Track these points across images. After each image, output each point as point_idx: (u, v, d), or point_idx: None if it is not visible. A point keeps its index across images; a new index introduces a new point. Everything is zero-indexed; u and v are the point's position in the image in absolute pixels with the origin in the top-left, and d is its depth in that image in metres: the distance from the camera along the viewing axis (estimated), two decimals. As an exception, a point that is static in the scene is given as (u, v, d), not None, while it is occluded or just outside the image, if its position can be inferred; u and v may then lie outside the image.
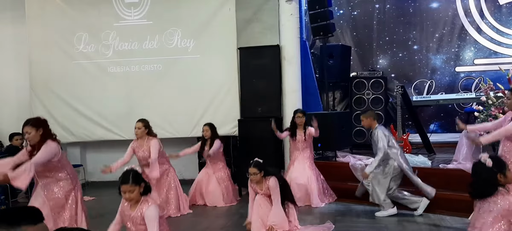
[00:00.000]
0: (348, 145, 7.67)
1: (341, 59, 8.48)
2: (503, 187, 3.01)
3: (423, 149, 7.40)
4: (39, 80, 8.17)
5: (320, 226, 5.17)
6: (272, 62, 7.28)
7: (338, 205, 6.28)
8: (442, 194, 5.55)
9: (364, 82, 8.34)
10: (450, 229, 5.00)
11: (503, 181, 3.00)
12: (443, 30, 9.56)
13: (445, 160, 6.49)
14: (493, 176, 3.02)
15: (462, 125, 5.18)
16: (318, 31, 7.77)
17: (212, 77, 7.84)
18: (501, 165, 3.02)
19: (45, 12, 8.23)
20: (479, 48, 9.43)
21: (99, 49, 8.19)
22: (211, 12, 7.90)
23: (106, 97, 8.11)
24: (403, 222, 5.31)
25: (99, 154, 8.65)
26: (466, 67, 9.50)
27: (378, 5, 9.85)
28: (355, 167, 6.43)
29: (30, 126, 4.13)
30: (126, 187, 3.48)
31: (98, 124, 8.18)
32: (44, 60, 8.21)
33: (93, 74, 8.21)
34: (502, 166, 3.01)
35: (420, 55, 9.72)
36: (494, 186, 3.02)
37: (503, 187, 3.01)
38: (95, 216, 6.25)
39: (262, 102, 7.21)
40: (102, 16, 8.19)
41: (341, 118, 7.55)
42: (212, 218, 5.99)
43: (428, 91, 9.49)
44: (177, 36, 8.06)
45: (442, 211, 5.48)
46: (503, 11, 9.33)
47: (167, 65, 8.09)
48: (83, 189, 8.01)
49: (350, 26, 9.94)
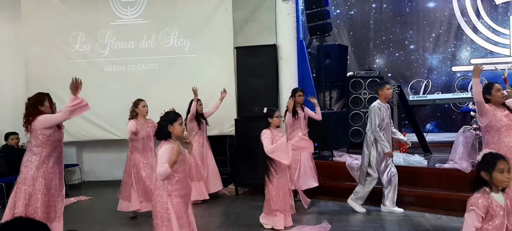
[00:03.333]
0: (345, 144, 7.67)
1: (338, 58, 8.49)
2: (488, 186, 2.88)
3: (420, 149, 7.42)
4: (35, 79, 8.11)
5: (317, 226, 5.17)
6: (269, 61, 7.27)
7: (334, 204, 6.29)
8: (438, 193, 5.57)
9: (361, 82, 8.35)
10: (447, 228, 5.01)
11: (488, 179, 2.88)
12: (440, 30, 9.59)
13: (442, 160, 6.50)
14: (477, 173, 2.94)
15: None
16: (315, 30, 7.77)
17: (209, 76, 7.83)
18: (489, 163, 2.88)
19: (41, 11, 8.20)
20: (475, 48, 9.46)
21: (96, 48, 8.16)
22: (208, 12, 7.89)
23: (102, 97, 8.07)
24: (400, 221, 5.32)
25: (96, 153, 8.63)
26: (462, 67, 9.54)
27: (375, 5, 9.87)
28: (352, 167, 6.43)
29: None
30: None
31: (94, 123, 8.14)
32: (40, 59, 8.18)
33: (89, 74, 8.16)
34: (489, 165, 2.88)
35: (416, 55, 9.75)
36: (477, 182, 2.92)
37: (488, 186, 2.88)
38: (91, 216, 6.24)
39: (258, 102, 7.19)
40: (99, 15, 8.17)
41: (338, 118, 7.56)
42: (209, 217, 5.99)
43: (425, 91, 9.52)
44: (173, 36, 8.04)
45: (438, 211, 5.49)
46: (499, 11, 9.37)
47: (163, 65, 8.08)
48: (79, 189, 8.09)
49: (347, 26, 9.95)
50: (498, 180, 2.85)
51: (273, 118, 5.16)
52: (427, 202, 5.62)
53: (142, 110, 5.93)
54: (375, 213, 5.68)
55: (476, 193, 2.90)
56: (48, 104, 4.42)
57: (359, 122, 8.22)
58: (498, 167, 2.85)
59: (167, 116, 3.70)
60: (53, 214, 4.39)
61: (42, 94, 4.45)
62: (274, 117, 5.16)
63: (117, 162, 7.48)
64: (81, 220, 6.05)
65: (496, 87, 4.32)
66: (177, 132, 3.64)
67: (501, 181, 2.85)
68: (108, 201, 6.65)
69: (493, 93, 4.28)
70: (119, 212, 5.95)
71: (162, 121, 3.68)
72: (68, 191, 7.77)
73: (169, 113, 3.71)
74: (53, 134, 4.33)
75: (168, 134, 3.63)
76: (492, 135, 4.21)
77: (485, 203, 2.84)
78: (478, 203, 2.84)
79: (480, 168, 2.93)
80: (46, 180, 4.33)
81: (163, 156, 3.51)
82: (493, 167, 2.86)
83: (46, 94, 4.47)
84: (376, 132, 5.57)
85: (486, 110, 4.20)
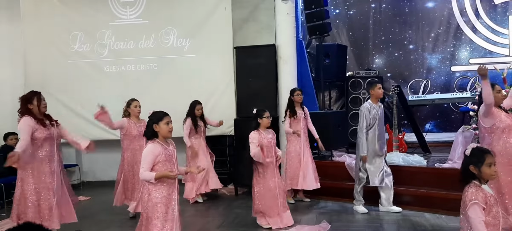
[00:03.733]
0: (344, 144, 7.67)
1: (337, 58, 8.49)
2: (478, 180, 2.97)
3: (419, 148, 7.42)
4: (34, 79, 8.11)
5: (316, 225, 5.18)
6: (268, 61, 7.28)
7: (334, 204, 6.29)
8: (437, 193, 5.57)
9: (360, 82, 8.35)
10: (446, 228, 5.02)
11: (477, 173, 2.97)
12: (439, 29, 9.59)
13: (441, 159, 6.51)
14: (467, 166, 3.00)
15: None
16: (314, 30, 7.78)
17: (208, 76, 7.83)
18: (478, 157, 2.97)
19: (40, 11, 8.19)
20: (475, 48, 9.46)
21: (95, 48, 8.16)
22: (207, 12, 7.89)
23: (101, 97, 8.02)
24: (399, 221, 5.33)
25: (95, 153, 8.48)
26: (461, 67, 9.54)
27: (374, 5, 9.87)
28: (351, 167, 6.43)
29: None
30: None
31: (93, 123, 8.08)
32: (40, 59, 8.18)
33: (89, 74, 8.18)
34: (478, 159, 2.96)
35: (415, 54, 9.75)
36: (466, 176, 3.00)
37: (478, 180, 2.97)
38: (90, 216, 6.24)
39: (258, 102, 7.18)
40: (98, 15, 8.17)
41: (337, 117, 7.56)
42: (209, 217, 5.99)
43: (424, 91, 9.53)
44: (173, 36, 8.04)
45: (437, 210, 5.50)
46: (498, 11, 9.37)
47: (163, 65, 8.07)
48: (78, 189, 8.08)
49: (346, 26, 9.94)
50: (487, 173, 2.98)
51: (263, 118, 5.14)
52: (427, 202, 5.63)
53: (134, 110, 5.94)
54: (374, 213, 5.69)
55: (469, 188, 2.98)
56: (36, 103, 4.48)
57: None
58: (487, 161, 2.97)
59: (154, 115, 3.66)
60: (46, 213, 4.39)
61: (32, 93, 4.54)
62: (264, 118, 5.14)
63: (116, 162, 7.40)
64: (81, 220, 6.01)
65: (497, 88, 4.38)
66: (163, 132, 3.58)
67: (489, 174, 2.99)
68: (108, 201, 6.63)
69: (494, 94, 4.30)
70: (119, 212, 5.96)
71: (149, 120, 3.65)
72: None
73: (155, 113, 3.67)
74: (33, 134, 4.38)
75: (154, 133, 3.59)
76: (497, 135, 4.24)
77: (482, 194, 2.94)
78: (478, 196, 2.91)
79: (469, 162, 3.01)
80: (34, 178, 4.37)
81: (147, 157, 3.50)
82: (482, 161, 2.97)
83: (37, 93, 4.53)
84: (361, 134, 5.64)
85: (493, 113, 4.24)
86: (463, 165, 3.05)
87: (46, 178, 4.45)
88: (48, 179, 4.46)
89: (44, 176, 4.45)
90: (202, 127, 6.76)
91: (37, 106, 4.49)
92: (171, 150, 3.64)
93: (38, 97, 4.53)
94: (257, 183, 5.14)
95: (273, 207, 5.09)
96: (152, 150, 3.52)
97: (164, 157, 3.53)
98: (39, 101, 4.51)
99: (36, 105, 4.49)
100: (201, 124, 6.74)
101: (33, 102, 4.48)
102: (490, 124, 4.27)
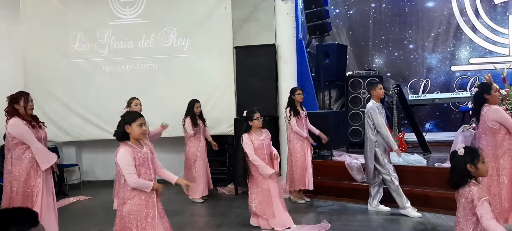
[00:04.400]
0: (344, 144, 7.67)
1: (337, 58, 8.49)
2: (474, 179, 2.95)
3: (419, 148, 7.41)
4: (33, 79, 8.11)
5: (316, 225, 5.17)
6: (268, 61, 7.27)
7: (334, 204, 6.29)
8: (437, 192, 5.57)
9: (360, 81, 8.35)
10: (446, 227, 5.01)
11: (473, 172, 2.94)
12: (439, 29, 9.59)
13: (441, 159, 6.51)
14: (463, 166, 2.96)
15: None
16: (314, 30, 7.77)
17: (208, 76, 7.82)
18: (473, 155, 2.95)
19: (39, 11, 8.18)
20: (474, 48, 9.46)
21: (94, 48, 8.15)
22: (207, 11, 7.88)
23: (101, 97, 8.07)
24: (399, 220, 5.33)
25: (95, 153, 8.62)
26: (461, 66, 9.54)
27: (374, 4, 9.87)
28: (351, 166, 6.43)
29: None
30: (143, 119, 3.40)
31: (94, 123, 8.14)
32: (39, 59, 8.16)
33: (88, 73, 8.17)
34: (474, 157, 2.94)
35: (415, 54, 9.75)
36: (464, 177, 2.97)
37: (474, 179, 2.95)
38: (90, 216, 6.24)
39: (258, 102, 7.18)
40: (98, 14, 8.16)
41: (337, 117, 7.55)
42: (209, 217, 5.98)
43: (424, 90, 9.53)
44: (172, 35, 8.04)
45: (437, 210, 5.50)
46: (498, 11, 9.37)
47: (162, 64, 8.07)
48: (79, 189, 8.08)
49: (346, 25, 9.94)
50: (483, 169, 2.97)
51: (253, 120, 5.06)
52: (427, 201, 5.62)
53: (135, 109, 5.90)
54: (374, 213, 5.69)
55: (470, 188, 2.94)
56: (23, 104, 4.39)
57: (359, 121, 8.21)
58: (481, 158, 2.97)
59: (127, 115, 3.45)
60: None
61: (20, 93, 4.45)
62: (254, 120, 5.05)
63: (116, 162, 7.48)
64: (81, 220, 6.05)
65: (495, 87, 4.51)
66: (135, 134, 3.35)
67: (485, 170, 3.00)
68: (108, 200, 6.62)
69: (492, 93, 4.40)
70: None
71: (121, 119, 3.41)
72: (67, 191, 7.79)
73: (129, 113, 3.44)
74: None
75: (125, 134, 3.36)
76: (501, 135, 4.39)
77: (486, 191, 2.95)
78: (484, 193, 2.92)
79: (465, 161, 2.96)
80: (19, 180, 4.28)
81: (127, 161, 3.27)
82: (478, 158, 2.96)
83: (25, 94, 4.45)
84: (382, 130, 5.48)
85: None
86: (458, 166, 2.99)
87: (33, 180, 4.33)
88: (33, 182, 4.33)
89: (32, 179, 4.33)
90: (202, 126, 6.76)
91: (23, 107, 4.38)
92: (144, 152, 3.41)
93: (26, 98, 4.42)
94: (251, 184, 5.10)
95: (266, 209, 5.01)
96: (129, 152, 3.30)
97: (137, 161, 3.33)
98: (26, 102, 4.40)
99: (23, 106, 4.37)
100: (200, 123, 6.74)
101: (20, 103, 4.37)
102: (497, 125, 4.39)
